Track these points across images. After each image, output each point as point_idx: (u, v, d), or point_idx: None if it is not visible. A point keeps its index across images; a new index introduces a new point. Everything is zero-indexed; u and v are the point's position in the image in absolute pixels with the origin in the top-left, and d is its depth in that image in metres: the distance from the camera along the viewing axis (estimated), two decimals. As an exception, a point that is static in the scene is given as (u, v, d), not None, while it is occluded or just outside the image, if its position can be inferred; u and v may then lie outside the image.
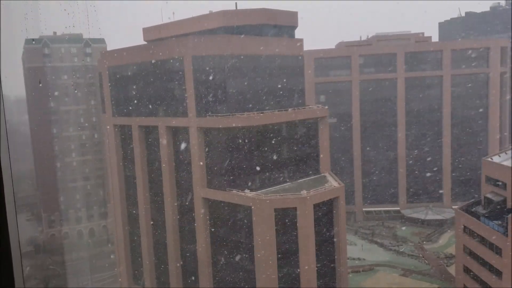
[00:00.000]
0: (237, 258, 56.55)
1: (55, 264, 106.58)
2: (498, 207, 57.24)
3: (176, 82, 59.50)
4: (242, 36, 57.97)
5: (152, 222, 68.91)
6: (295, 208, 52.03)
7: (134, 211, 71.73)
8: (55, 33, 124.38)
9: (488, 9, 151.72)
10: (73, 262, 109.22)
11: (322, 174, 62.50)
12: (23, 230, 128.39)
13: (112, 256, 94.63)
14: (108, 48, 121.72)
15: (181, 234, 64.21)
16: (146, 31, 71.92)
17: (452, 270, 79.09)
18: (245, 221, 54.35)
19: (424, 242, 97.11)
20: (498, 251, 54.13)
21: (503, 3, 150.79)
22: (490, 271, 56.10)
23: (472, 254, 60.34)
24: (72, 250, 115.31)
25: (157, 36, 68.60)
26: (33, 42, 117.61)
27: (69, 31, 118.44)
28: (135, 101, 66.98)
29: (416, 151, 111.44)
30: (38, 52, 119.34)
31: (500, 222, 54.71)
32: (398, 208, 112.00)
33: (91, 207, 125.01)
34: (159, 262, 68.87)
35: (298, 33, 64.13)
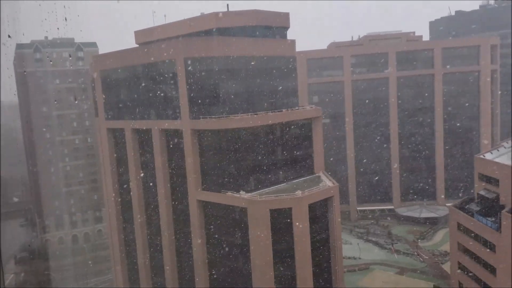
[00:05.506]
0: (233, 259, 56.54)
1: (50, 269, 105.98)
2: (491, 203, 57.66)
3: (169, 85, 59.41)
4: (234, 37, 57.97)
5: (147, 225, 68.80)
6: (290, 209, 52.14)
7: (128, 215, 71.55)
8: (46, 37, 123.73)
9: (477, 7, 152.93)
10: (68, 267, 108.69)
11: (317, 174, 62.68)
12: (17, 236, 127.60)
13: (107, 260, 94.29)
14: (100, 52, 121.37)
15: (177, 236, 64.13)
16: (138, 34, 71.71)
17: (447, 267, 79.57)
18: (241, 222, 54.39)
19: (419, 240, 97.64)
20: (492, 247, 54.54)
21: (492, 1, 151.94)
22: (484, 267, 56.50)
23: (466, 251, 60.75)
24: (67, 255, 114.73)
25: (149, 39, 68.40)
26: (24, 47, 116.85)
27: (61, 35, 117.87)
28: (128, 104, 66.85)
29: (409, 149, 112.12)
30: (29, 57, 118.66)
31: (493, 219, 55.12)
32: (392, 207, 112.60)
33: (85, 212, 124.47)
34: (155, 265, 68.74)
35: (290, 34, 64.22)
